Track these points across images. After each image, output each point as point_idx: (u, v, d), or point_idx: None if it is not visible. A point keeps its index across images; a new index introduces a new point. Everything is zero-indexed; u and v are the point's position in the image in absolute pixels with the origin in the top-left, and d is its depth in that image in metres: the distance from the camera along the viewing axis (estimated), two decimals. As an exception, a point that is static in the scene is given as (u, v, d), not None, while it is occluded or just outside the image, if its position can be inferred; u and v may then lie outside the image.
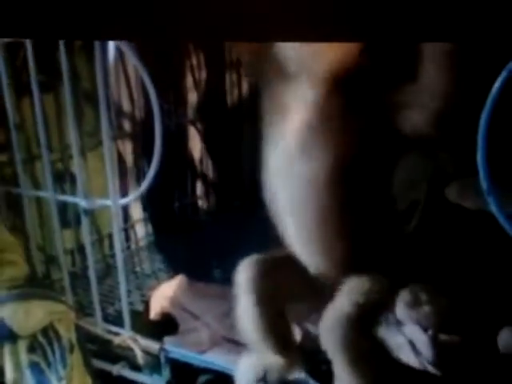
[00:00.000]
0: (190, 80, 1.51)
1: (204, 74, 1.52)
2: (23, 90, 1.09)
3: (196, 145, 1.55)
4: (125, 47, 0.97)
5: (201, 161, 1.56)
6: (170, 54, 1.42)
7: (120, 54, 1.24)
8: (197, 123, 1.54)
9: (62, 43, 0.89)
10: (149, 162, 1.29)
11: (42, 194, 1.03)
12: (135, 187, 1.27)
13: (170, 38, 0.66)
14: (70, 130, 0.96)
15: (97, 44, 0.89)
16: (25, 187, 1.05)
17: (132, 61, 1.02)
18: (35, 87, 0.94)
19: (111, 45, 1.17)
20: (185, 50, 1.47)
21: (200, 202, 1.56)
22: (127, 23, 0.38)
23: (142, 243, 1.40)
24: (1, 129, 1.11)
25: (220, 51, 1.55)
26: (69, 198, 1.00)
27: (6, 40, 0.97)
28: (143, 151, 1.35)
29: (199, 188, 1.57)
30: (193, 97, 1.52)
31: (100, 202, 0.96)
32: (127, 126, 1.36)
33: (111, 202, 0.93)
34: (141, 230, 1.40)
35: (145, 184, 0.90)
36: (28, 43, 0.93)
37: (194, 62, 1.50)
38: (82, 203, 0.96)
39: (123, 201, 0.92)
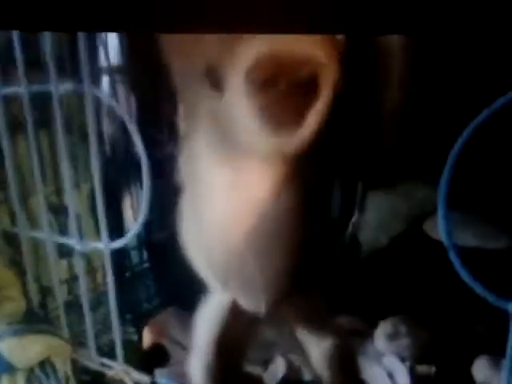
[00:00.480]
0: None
1: None
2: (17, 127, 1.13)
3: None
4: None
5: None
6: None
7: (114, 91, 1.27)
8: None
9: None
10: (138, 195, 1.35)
11: (38, 235, 1.07)
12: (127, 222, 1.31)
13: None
14: (63, 164, 1.00)
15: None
16: (21, 226, 1.10)
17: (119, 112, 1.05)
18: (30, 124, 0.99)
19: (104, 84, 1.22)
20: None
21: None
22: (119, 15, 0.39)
23: (137, 270, 1.44)
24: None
25: None
26: (64, 240, 1.04)
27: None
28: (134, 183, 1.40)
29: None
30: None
31: (93, 244, 1.00)
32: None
33: (103, 245, 0.98)
34: (136, 258, 1.44)
35: (135, 227, 0.94)
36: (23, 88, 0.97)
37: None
38: (77, 246, 1.01)
39: (115, 244, 0.97)
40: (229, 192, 0.75)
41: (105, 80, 1.16)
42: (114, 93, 1.17)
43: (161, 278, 1.38)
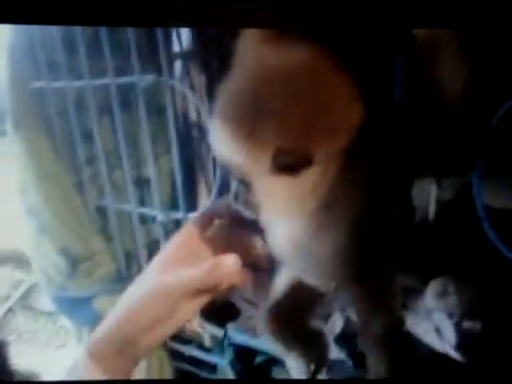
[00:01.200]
0: None
1: None
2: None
3: None
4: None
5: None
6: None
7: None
8: None
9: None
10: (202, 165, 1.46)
11: (125, 207, 1.22)
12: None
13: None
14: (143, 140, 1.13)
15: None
16: (109, 200, 1.25)
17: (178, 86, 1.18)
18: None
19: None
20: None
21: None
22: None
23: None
24: (84, 145, 1.27)
25: None
26: (147, 212, 1.19)
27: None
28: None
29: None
30: None
31: (172, 215, 1.15)
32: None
33: (183, 216, 1.12)
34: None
35: (212, 197, 1.07)
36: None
37: None
38: (159, 217, 1.15)
39: (192, 215, 1.11)
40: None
41: (178, 67, 1.28)
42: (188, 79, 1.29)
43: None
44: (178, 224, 1.13)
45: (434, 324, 1.19)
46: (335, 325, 1.22)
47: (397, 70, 0.78)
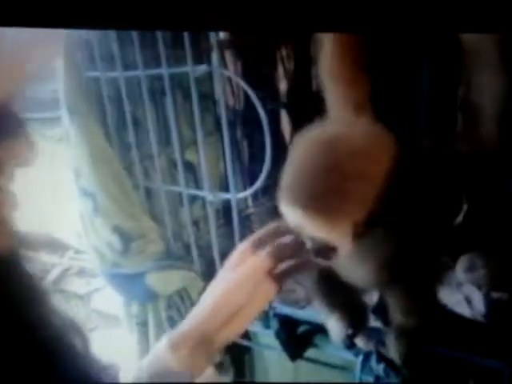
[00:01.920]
0: (280, 69, 1.70)
1: (292, 64, 1.71)
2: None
3: (286, 127, 1.73)
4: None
5: (291, 140, 1.63)
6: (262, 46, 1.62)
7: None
8: (287, 106, 1.71)
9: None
10: (250, 147, 1.53)
11: (174, 188, 1.30)
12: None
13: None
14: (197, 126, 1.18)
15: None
16: (159, 182, 1.33)
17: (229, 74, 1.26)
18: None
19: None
20: (275, 43, 1.66)
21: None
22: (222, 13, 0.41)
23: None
24: (134, 130, 1.33)
25: (307, 43, 1.67)
26: (197, 192, 1.27)
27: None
28: (244, 137, 1.59)
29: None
30: (283, 84, 1.71)
31: (221, 195, 1.23)
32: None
33: (231, 196, 1.20)
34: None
35: (261, 179, 1.13)
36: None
37: (284, 53, 1.71)
38: (209, 197, 1.23)
39: (241, 195, 1.18)
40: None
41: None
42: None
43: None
44: (226, 204, 1.21)
45: (464, 295, 1.26)
46: (372, 297, 1.29)
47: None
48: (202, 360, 0.72)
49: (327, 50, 0.81)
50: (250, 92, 1.11)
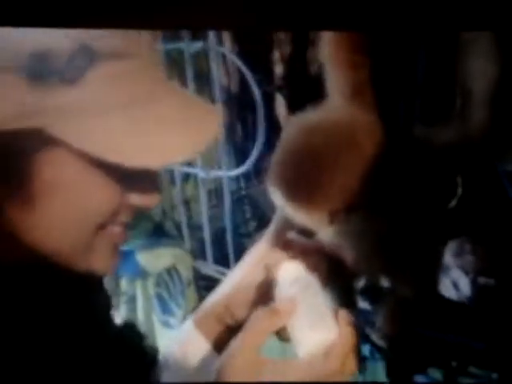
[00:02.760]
0: (276, 53, 1.72)
1: (289, 48, 1.72)
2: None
3: (281, 110, 1.67)
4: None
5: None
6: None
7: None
8: (282, 90, 1.67)
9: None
10: (244, 128, 1.53)
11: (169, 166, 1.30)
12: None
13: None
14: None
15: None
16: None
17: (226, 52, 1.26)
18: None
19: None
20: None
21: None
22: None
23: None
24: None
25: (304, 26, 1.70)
26: (189, 170, 1.27)
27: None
28: (238, 118, 1.58)
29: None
30: (279, 68, 1.66)
31: (214, 172, 1.23)
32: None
33: (223, 174, 1.21)
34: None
35: (252, 158, 1.15)
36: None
37: (281, 36, 1.70)
38: (201, 174, 1.24)
39: (233, 173, 1.19)
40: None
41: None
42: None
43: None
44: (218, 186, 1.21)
45: (451, 280, 1.28)
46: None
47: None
48: (225, 334, 0.71)
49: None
50: (246, 72, 1.11)
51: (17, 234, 0.47)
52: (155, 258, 1.33)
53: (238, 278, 0.71)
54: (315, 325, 0.57)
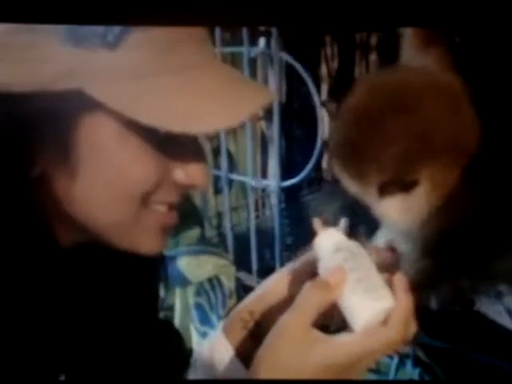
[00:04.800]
0: (323, 67, 1.71)
1: (336, 63, 1.71)
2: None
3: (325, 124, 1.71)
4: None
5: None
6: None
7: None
8: (328, 105, 1.66)
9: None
10: (288, 141, 1.52)
11: (216, 172, 1.28)
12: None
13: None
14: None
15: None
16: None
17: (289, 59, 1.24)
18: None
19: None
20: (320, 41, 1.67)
21: (324, 175, 1.76)
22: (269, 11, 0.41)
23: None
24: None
25: (351, 41, 1.70)
26: (240, 177, 1.25)
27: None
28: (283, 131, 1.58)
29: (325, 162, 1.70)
30: (325, 82, 1.70)
31: (265, 182, 1.21)
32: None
33: (274, 183, 1.18)
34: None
35: (308, 169, 1.12)
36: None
37: (328, 52, 1.70)
38: (251, 182, 1.21)
39: (286, 183, 1.16)
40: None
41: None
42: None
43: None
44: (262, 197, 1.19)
45: (505, 307, 1.24)
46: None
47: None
48: (248, 342, 0.69)
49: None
50: (309, 81, 1.09)
51: (64, 210, 0.48)
52: (198, 267, 1.30)
53: (267, 287, 0.69)
54: (369, 293, 0.52)
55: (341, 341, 0.52)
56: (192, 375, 0.71)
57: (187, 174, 0.49)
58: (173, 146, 0.48)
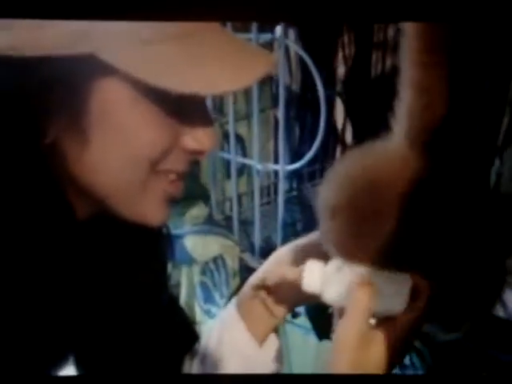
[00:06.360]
0: (339, 55, 1.67)
1: (352, 51, 1.67)
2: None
3: (340, 114, 1.67)
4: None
5: (343, 129, 1.66)
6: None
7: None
8: (343, 94, 1.67)
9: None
10: (301, 128, 1.54)
11: (225, 155, 1.32)
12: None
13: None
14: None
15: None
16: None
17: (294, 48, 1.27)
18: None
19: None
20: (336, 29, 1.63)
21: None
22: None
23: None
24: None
25: (369, 29, 1.64)
26: (245, 160, 1.28)
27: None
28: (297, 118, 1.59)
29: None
30: (341, 71, 1.66)
31: (271, 166, 1.24)
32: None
33: (280, 167, 1.21)
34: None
35: (310, 153, 1.15)
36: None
37: (346, 40, 1.68)
38: (257, 166, 1.24)
39: (290, 167, 1.19)
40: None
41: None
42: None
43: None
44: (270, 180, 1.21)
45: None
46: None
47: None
48: (265, 317, 0.71)
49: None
50: (314, 71, 1.11)
51: (77, 178, 0.49)
52: (204, 246, 1.34)
53: (277, 257, 0.71)
54: (391, 278, 0.58)
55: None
56: (201, 356, 0.72)
57: (195, 138, 0.51)
58: (182, 112, 0.49)
